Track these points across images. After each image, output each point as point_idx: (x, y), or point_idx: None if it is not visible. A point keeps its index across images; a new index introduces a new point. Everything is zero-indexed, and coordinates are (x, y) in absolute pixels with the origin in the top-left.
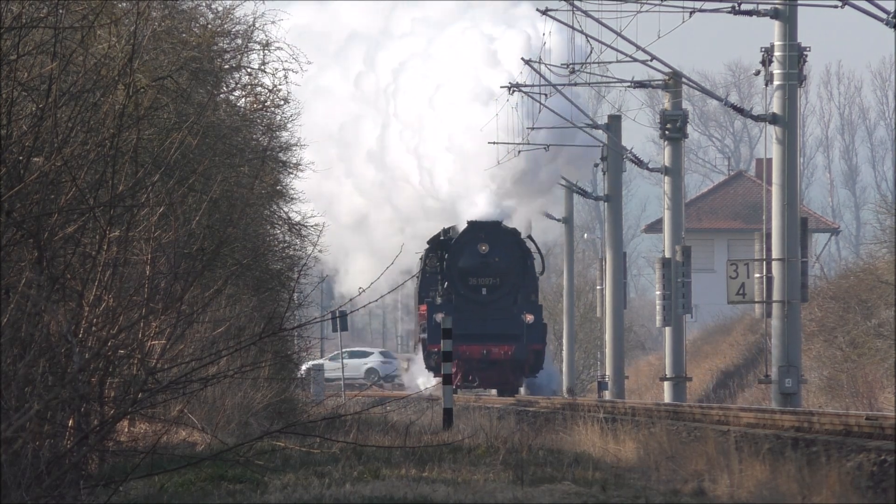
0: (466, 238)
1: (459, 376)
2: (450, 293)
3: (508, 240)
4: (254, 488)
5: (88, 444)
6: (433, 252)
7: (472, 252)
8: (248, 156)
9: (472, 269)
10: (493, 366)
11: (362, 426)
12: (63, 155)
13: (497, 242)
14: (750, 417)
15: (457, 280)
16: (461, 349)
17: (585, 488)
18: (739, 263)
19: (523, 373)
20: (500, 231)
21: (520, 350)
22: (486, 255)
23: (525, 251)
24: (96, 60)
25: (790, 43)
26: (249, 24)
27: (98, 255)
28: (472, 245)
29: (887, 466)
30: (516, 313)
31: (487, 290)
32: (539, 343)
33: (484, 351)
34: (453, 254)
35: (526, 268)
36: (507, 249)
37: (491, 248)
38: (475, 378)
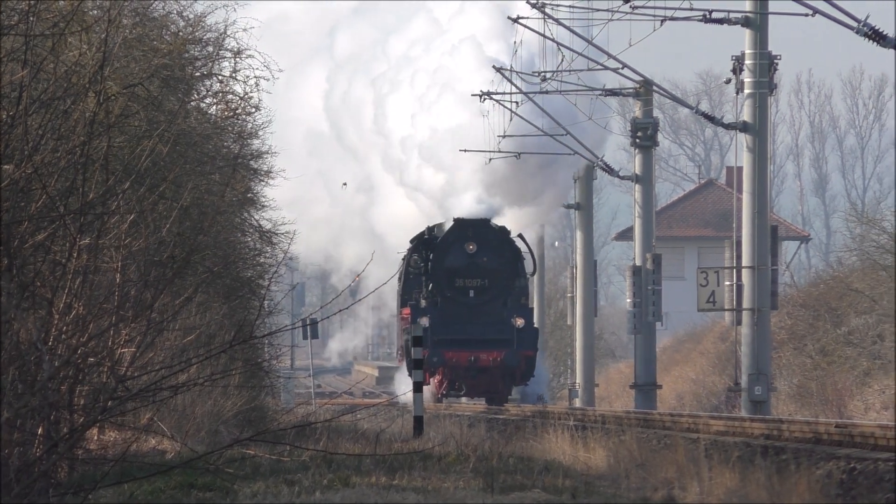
0: (453, 237)
1: (445, 384)
2: (435, 295)
3: (498, 238)
4: (223, 496)
5: (58, 452)
6: (417, 252)
7: (459, 252)
8: (219, 163)
9: (459, 270)
10: (482, 373)
11: (332, 434)
12: (33, 162)
13: (486, 241)
14: (720, 425)
15: (442, 281)
16: (447, 355)
17: (555, 496)
18: (710, 271)
19: (514, 380)
20: (489, 229)
21: (510, 356)
22: (474, 255)
23: (515, 251)
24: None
25: (761, 51)
26: (221, 31)
27: (68, 263)
28: (458, 244)
29: (856, 475)
30: (506, 317)
31: (475, 292)
32: (531, 349)
33: (471, 357)
34: (439, 253)
35: (516, 268)
36: (496, 249)
37: (479, 247)
38: (462, 386)
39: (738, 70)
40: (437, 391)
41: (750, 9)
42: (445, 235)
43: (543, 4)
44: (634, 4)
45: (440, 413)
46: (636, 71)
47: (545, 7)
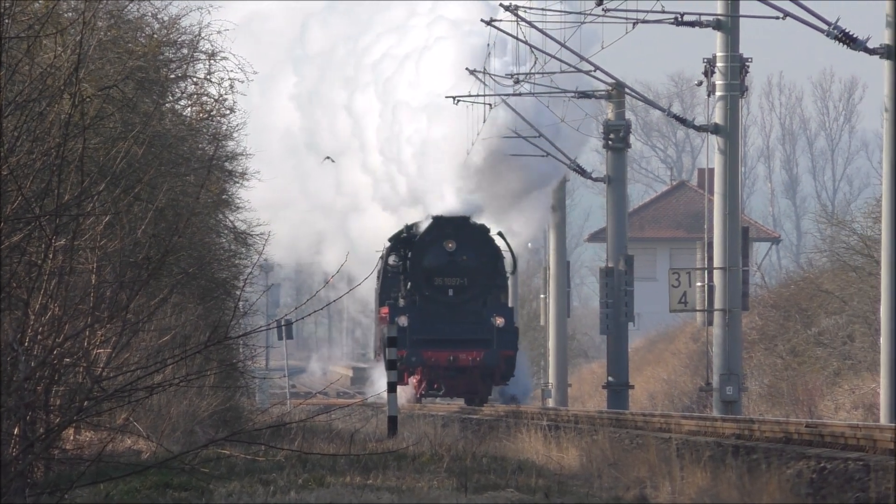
0: (432, 235)
1: (424, 384)
2: (413, 294)
3: (477, 237)
4: (199, 496)
5: (34, 453)
6: (395, 250)
7: (438, 250)
8: (194, 165)
9: (438, 269)
10: (461, 373)
11: (307, 434)
12: (9, 164)
13: (465, 239)
14: (691, 425)
15: (421, 280)
16: (426, 355)
17: (528, 496)
18: (681, 272)
19: (493, 380)
20: (468, 227)
21: (490, 356)
22: (453, 254)
23: (495, 249)
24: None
25: (732, 54)
26: (195, 34)
27: (44, 264)
28: (437, 242)
29: (826, 474)
30: (486, 316)
31: (454, 291)
32: (511, 348)
33: (451, 357)
34: (417, 252)
35: (496, 267)
36: (475, 247)
37: (458, 245)
38: (441, 386)
39: (710, 72)
40: (416, 391)
41: (721, 11)
42: (424, 233)
43: (516, 7)
44: (606, 7)
45: (414, 413)
46: (608, 73)
47: (518, 10)
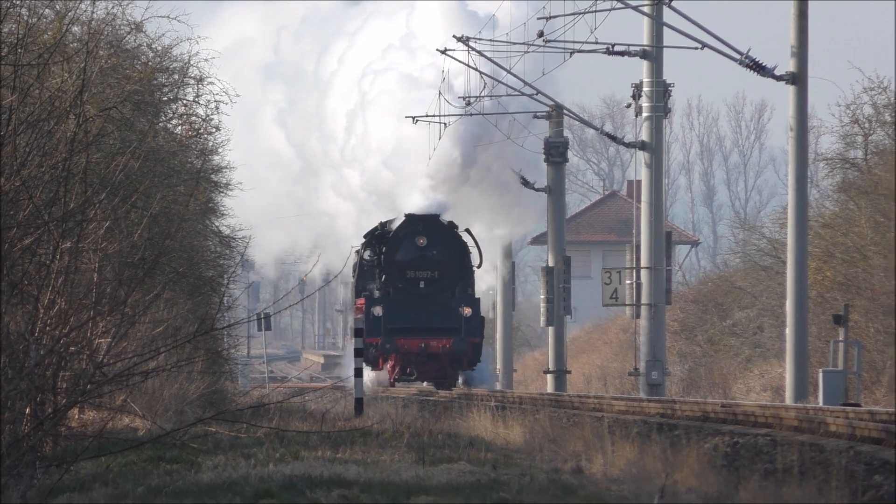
0: (404, 231)
1: (397, 370)
2: (387, 286)
3: (446, 233)
4: (189, 468)
5: (43, 430)
6: (370, 245)
7: (410, 245)
8: (184, 177)
9: (410, 263)
10: (432, 359)
11: (284, 414)
12: (21, 176)
13: (435, 236)
14: (621, 405)
15: (395, 273)
16: (399, 342)
17: (479, 467)
18: (613, 271)
19: (461, 366)
20: (438, 224)
21: (458, 343)
22: (424, 249)
23: (462, 245)
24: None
25: (657, 80)
26: (185, 61)
27: (52, 264)
28: (409, 238)
29: (739, 447)
30: (454, 306)
31: (425, 284)
32: (477, 336)
33: (422, 344)
34: (391, 247)
35: (464, 261)
36: (444, 243)
37: (429, 241)
38: (413, 371)
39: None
40: (389, 376)
41: (647, 43)
42: (397, 230)
43: (468, 38)
44: (546, 38)
45: (378, 395)
46: (548, 96)
47: (469, 41)
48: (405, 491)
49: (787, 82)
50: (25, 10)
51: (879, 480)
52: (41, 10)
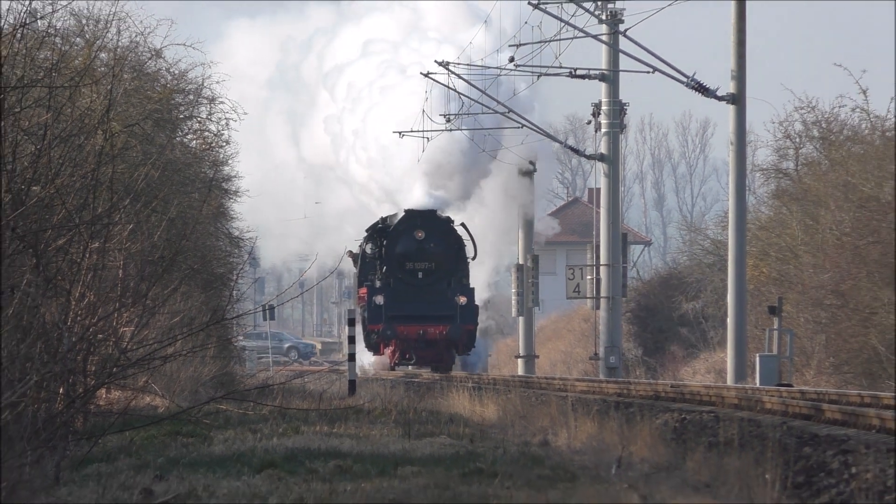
0: (404, 225)
1: (397, 354)
2: (388, 277)
3: (443, 227)
4: (202, 441)
5: (75, 408)
6: (372, 239)
7: (409, 238)
8: (198, 185)
9: (409, 255)
10: (429, 345)
11: (286, 393)
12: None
13: (432, 229)
14: (583, 386)
15: (395, 265)
16: (399, 329)
17: (458, 441)
18: (576, 268)
19: (457, 351)
20: (436, 219)
21: (454, 330)
22: (423, 242)
23: (458, 238)
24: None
25: (614, 100)
26: (199, 83)
27: (82, 262)
28: (409, 232)
29: (686, 423)
30: (450, 296)
31: (423, 274)
32: (471, 323)
33: (420, 331)
34: (391, 240)
35: (459, 253)
36: (441, 236)
37: (427, 234)
38: (412, 356)
39: (597, 114)
40: (390, 360)
41: (605, 67)
42: (397, 224)
43: (447, 63)
44: (517, 63)
45: (368, 378)
46: (519, 114)
47: (449, 65)
48: (393, 462)
49: (727, 102)
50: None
51: (809, 452)
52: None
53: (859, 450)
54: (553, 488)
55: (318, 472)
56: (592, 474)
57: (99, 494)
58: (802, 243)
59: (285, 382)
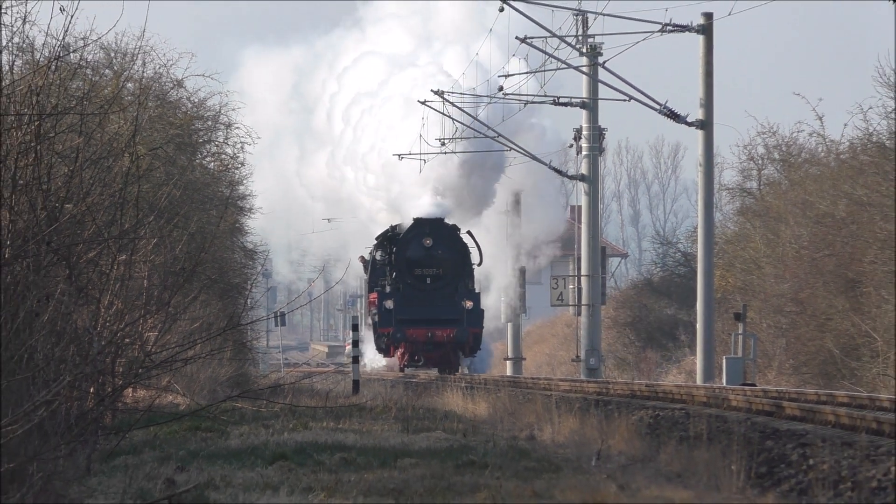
0: (412, 233)
1: (406, 357)
2: (397, 282)
3: (450, 234)
4: (220, 436)
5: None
6: (382, 246)
7: (418, 245)
8: (216, 203)
9: (418, 261)
10: (437, 347)
11: (296, 393)
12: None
13: (440, 237)
14: (566, 385)
15: (404, 270)
16: (408, 332)
17: (452, 435)
18: (559, 278)
19: (464, 353)
20: (443, 227)
21: (460, 333)
22: (430, 248)
23: (464, 245)
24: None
25: (593, 125)
26: (217, 111)
27: (111, 273)
28: (417, 239)
29: (660, 419)
30: (457, 300)
31: (431, 280)
32: (477, 327)
33: (428, 334)
34: (401, 247)
35: (465, 260)
36: (448, 243)
37: (434, 241)
38: (420, 358)
39: (578, 138)
40: (400, 362)
41: (586, 96)
42: (406, 232)
43: (442, 91)
44: (506, 92)
45: (371, 378)
46: (507, 138)
47: (444, 94)
48: (393, 454)
49: (696, 127)
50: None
51: (771, 445)
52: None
53: (816, 443)
54: (538, 478)
55: (325, 463)
56: (574, 466)
57: (126, 484)
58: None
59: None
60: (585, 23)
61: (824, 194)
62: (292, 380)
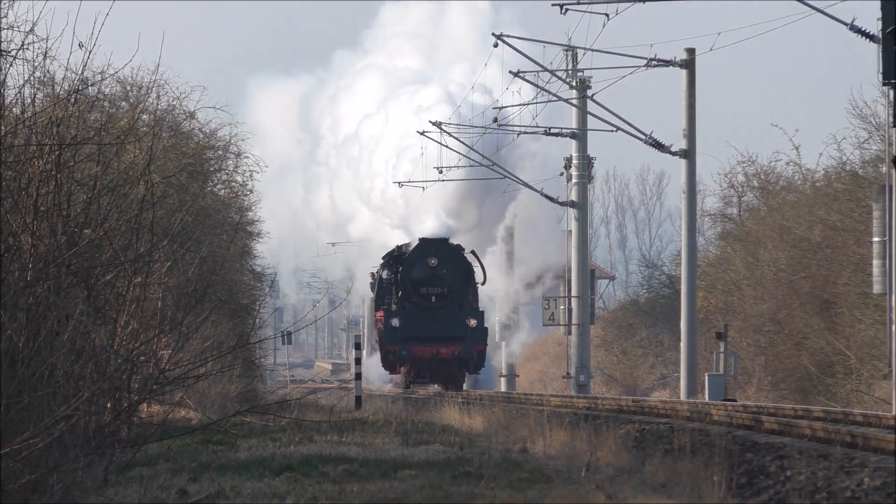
0: (418, 253)
1: (412, 373)
2: (403, 301)
3: (454, 254)
4: (230, 448)
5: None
6: (388, 266)
7: (423, 265)
8: (226, 228)
9: (423, 280)
10: (442, 364)
11: (302, 408)
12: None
13: (444, 256)
14: (557, 401)
15: (410, 289)
16: (414, 349)
17: (449, 448)
18: (551, 299)
19: (468, 370)
20: (447, 247)
21: (465, 350)
22: (435, 268)
23: (468, 265)
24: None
25: (583, 155)
26: (227, 141)
27: (127, 294)
28: (422, 259)
29: (645, 433)
30: (461, 318)
31: (436, 298)
32: (482, 344)
33: (434, 351)
34: (406, 266)
35: (469, 279)
36: (453, 263)
37: (439, 261)
38: (426, 374)
39: (569, 166)
40: (405, 379)
41: (575, 127)
42: (412, 252)
43: (440, 122)
44: (500, 123)
45: (373, 394)
46: (501, 167)
47: (441, 124)
48: (393, 466)
49: (680, 157)
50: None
51: (750, 457)
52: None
53: (793, 456)
54: (531, 489)
55: (329, 474)
56: (565, 477)
57: (141, 494)
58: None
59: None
60: (575, 58)
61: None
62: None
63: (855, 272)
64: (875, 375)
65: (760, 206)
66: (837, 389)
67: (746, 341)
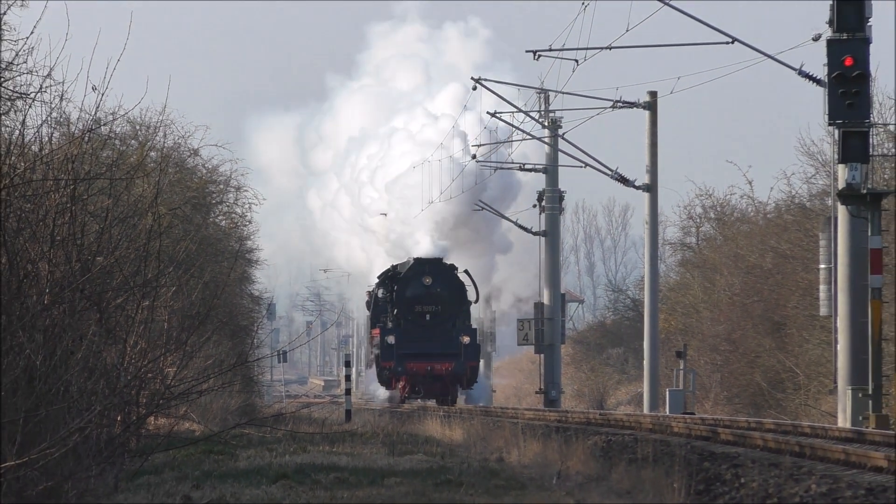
0: (413, 272)
1: (408, 388)
2: (399, 318)
3: (448, 273)
4: (230, 458)
5: (129, 431)
6: (384, 285)
7: (418, 284)
8: (227, 256)
9: (418, 298)
10: (436, 380)
11: (296, 420)
12: (114, 255)
13: (439, 276)
14: (530, 414)
15: (405, 307)
16: (409, 366)
17: (432, 458)
18: (525, 321)
19: (461, 385)
20: (442, 266)
21: (458, 366)
22: (430, 287)
23: (461, 283)
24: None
25: (554, 188)
26: (228, 175)
27: (135, 316)
28: (417, 278)
29: (612, 443)
30: (455, 335)
31: (431, 316)
32: (474, 360)
33: (428, 367)
34: (402, 285)
35: (462, 297)
36: (447, 282)
37: (434, 280)
38: (420, 390)
39: (541, 199)
40: (401, 394)
41: (547, 163)
42: (407, 271)
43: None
44: (478, 160)
45: (361, 408)
46: (481, 200)
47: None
48: (381, 474)
49: (643, 190)
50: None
51: (708, 465)
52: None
53: (747, 464)
54: (507, 495)
55: (322, 482)
56: (538, 484)
57: (149, 499)
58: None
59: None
60: (547, 99)
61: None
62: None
63: (803, 296)
64: (821, 391)
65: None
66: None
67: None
